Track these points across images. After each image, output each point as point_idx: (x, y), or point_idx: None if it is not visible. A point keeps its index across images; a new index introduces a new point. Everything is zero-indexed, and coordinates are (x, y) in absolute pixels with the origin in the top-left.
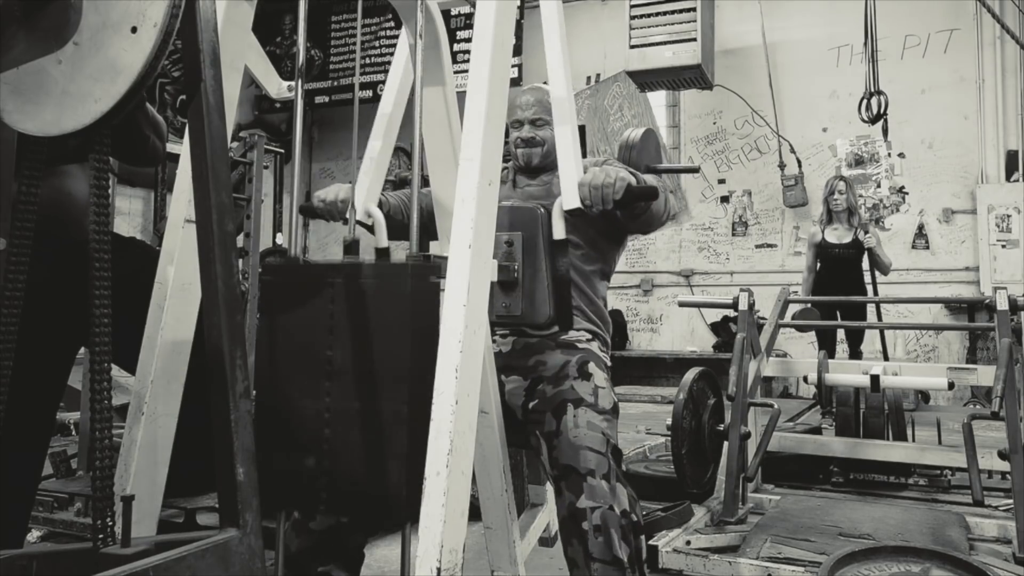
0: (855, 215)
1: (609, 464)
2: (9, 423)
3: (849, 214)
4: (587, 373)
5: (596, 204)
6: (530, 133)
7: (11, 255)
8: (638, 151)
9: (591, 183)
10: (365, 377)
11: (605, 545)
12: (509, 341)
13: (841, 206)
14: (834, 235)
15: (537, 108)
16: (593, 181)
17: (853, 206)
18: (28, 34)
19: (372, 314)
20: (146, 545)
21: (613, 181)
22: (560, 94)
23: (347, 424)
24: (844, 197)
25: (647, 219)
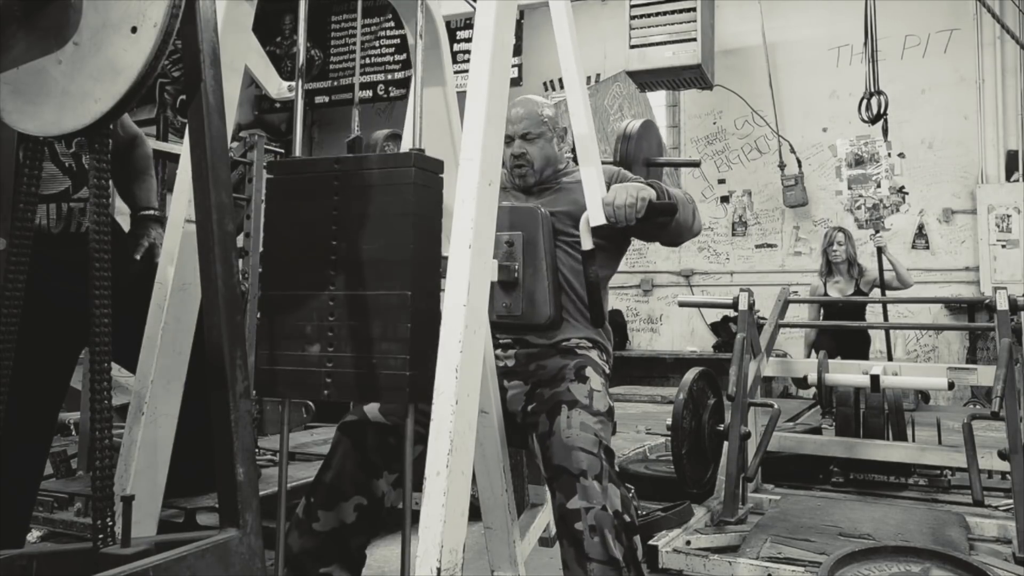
0: (855, 266)
1: (602, 465)
2: (11, 422)
3: (849, 265)
4: (584, 376)
5: (620, 222)
6: (520, 149)
7: (11, 255)
8: (636, 142)
9: (615, 203)
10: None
11: (600, 545)
12: (512, 355)
13: (840, 257)
14: (835, 289)
15: (527, 122)
16: (616, 200)
17: (852, 257)
18: (28, 34)
19: (376, 204)
20: (146, 545)
21: (635, 200)
22: (582, 131)
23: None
24: (844, 248)
25: (675, 231)
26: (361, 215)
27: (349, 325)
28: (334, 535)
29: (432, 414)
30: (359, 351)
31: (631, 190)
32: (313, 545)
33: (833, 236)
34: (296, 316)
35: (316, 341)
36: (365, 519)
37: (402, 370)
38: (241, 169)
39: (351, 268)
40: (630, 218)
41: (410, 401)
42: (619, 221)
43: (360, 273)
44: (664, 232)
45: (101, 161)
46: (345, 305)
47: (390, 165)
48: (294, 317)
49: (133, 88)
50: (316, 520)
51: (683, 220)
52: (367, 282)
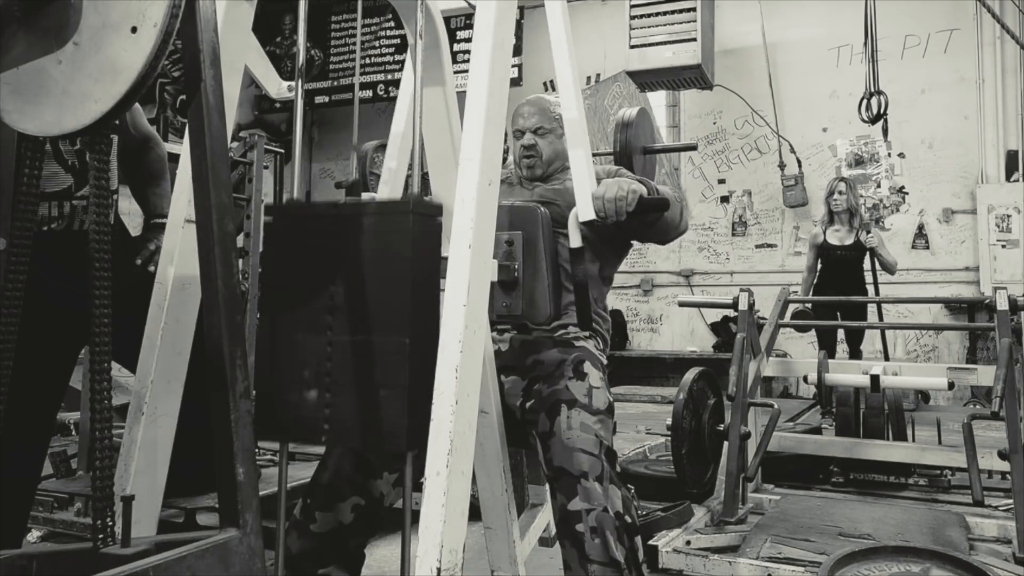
0: (856, 216)
1: (602, 466)
2: (10, 422)
3: (850, 215)
4: (582, 373)
5: (610, 216)
6: (531, 141)
7: (11, 255)
8: (634, 130)
9: (605, 196)
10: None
11: (602, 547)
12: (507, 339)
13: (842, 207)
14: (836, 236)
15: (539, 117)
16: (607, 194)
17: (854, 207)
18: (28, 34)
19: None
20: (146, 545)
21: (626, 194)
22: (572, 116)
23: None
24: (845, 198)
25: (662, 228)
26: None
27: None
28: (332, 536)
29: (432, 414)
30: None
31: (622, 184)
32: (311, 546)
33: (835, 186)
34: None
35: (314, 386)
36: (363, 519)
37: (400, 418)
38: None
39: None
40: (620, 212)
41: (408, 449)
42: (609, 216)
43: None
44: (652, 230)
45: (102, 161)
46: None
47: (388, 212)
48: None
49: (133, 88)
50: (314, 521)
51: (671, 218)
52: (365, 328)
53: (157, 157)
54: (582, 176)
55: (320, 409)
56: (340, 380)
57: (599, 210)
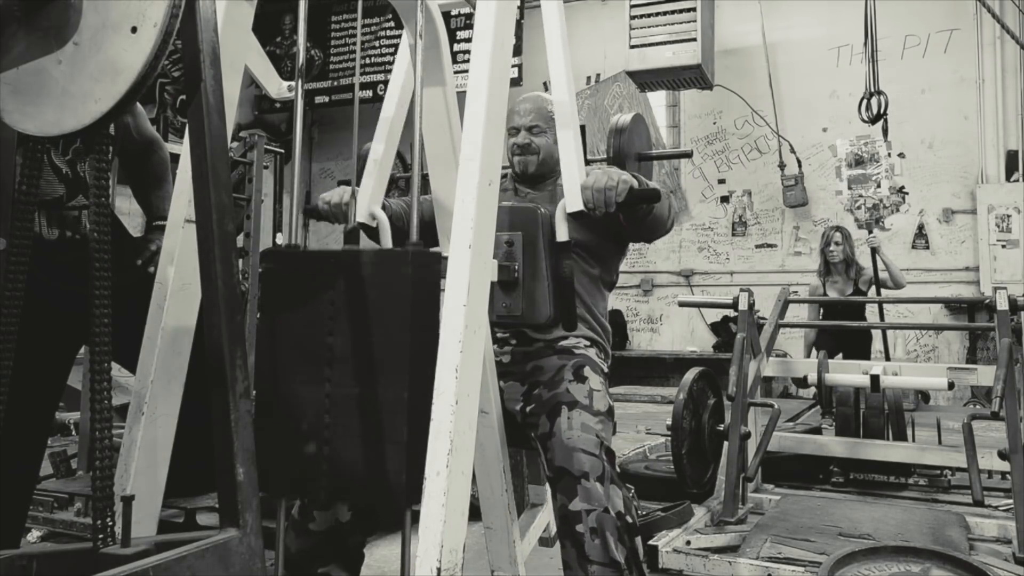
0: (853, 266)
1: (603, 466)
2: (8, 422)
3: (847, 265)
4: (582, 376)
5: (599, 207)
6: (526, 139)
7: (11, 255)
8: (628, 136)
9: (594, 186)
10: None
11: (602, 548)
12: (508, 351)
13: (838, 257)
14: (835, 289)
15: (535, 115)
16: (596, 184)
17: (850, 257)
18: (28, 34)
19: (372, 301)
20: (146, 545)
21: (616, 183)
22: (562, 97)
23: (347, 410)
24: (840, 248)
25: (651, 224)
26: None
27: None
28: (331, 534)
29: (432, 414)
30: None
31: (611, 173)
32: (310, 545)
33: (831, 236)
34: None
35: (311, 439)
36: (361, 518)
37: (400, 473)
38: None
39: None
40: (609, 202)
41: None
42: (598, 206)
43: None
44: (642, 225)
45: (101, 161)
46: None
47: (387, 262)
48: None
49: (133, 88)
50: (312, 520)
51: (659, 213)
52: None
53: (160, 160)
54: (571, 163)
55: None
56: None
57: (588, 200)
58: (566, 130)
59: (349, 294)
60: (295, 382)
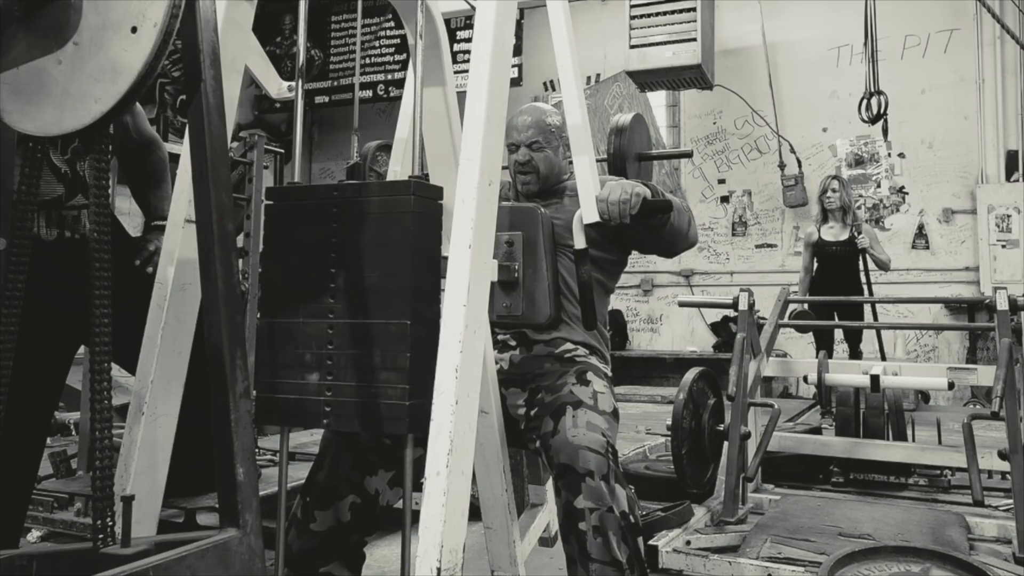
0: (850, 213)
1: (609, 465)
2: (7, 421)
3: (843, 212)
4: (586, 380)
5: (614, 218)
6: (526, 156)
7: (11, 255)
8: (628, 136)
9: (608, 199)
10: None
11: (604, 546)
12: (507, 357)
13: (835, 204)
14: (830, 233)
15: (534, 131)
16: (611, 197)
17: (847, 204)
18: (28, 34)
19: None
20: (146, 545)
21: (630, 196)
22: (576, 122)
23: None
24: (838, 195)
25: (670, 235)
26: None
27: (348, 354)
28: (332, 534)
29: (432, 414)
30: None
31: (626, 186)
32: (312, 545)
33: (828, 184)
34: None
35: (315, 369)
36: (360, 517)
37: (401, 400)
38: (241, 169)
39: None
40: (624, 214)
41: (409, 431)
42: (612, 218)
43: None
44: (659, 238)
45: (101, 161)
46: (344, 334)
47: (389, 193)
48: (293, 345)
49: (133, 88)
50: (313, 520)
51: (678, 226)
52: (366, 310)
53: (159, 160)
54: (586, 180)
55: (321, 393)
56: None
57: (603, 212)
58: (581, 156)
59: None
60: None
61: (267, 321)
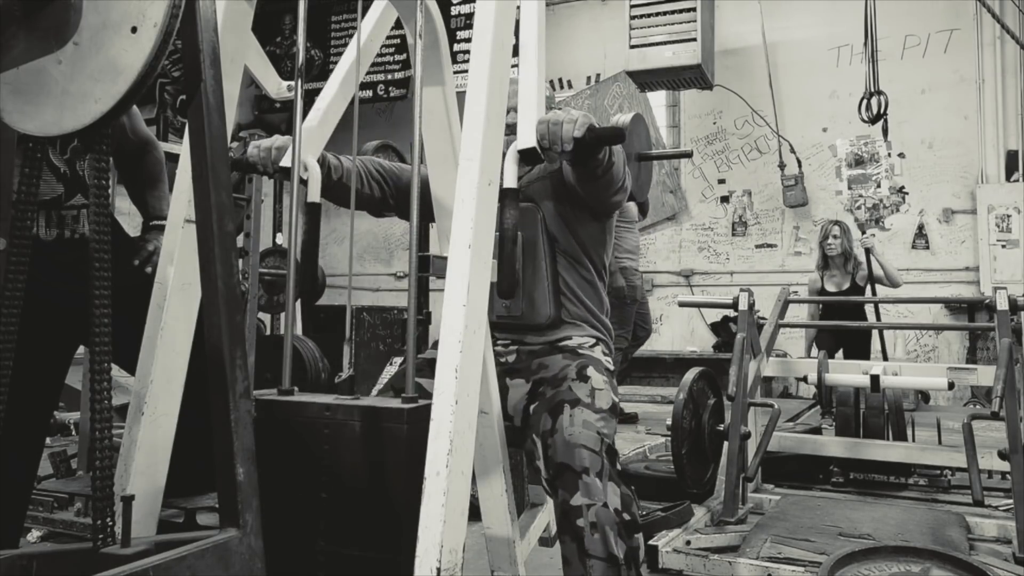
0: (851, 260)
1: (603, 463)
2: (6, 422)
3: (844, 259)
4: (585, 376)
5: (554, 143)
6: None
7: (11, 255)
8: (627, 136)
9: (550, 119)
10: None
11: (601, 542)
12: (514, 350)
13: (836, 251)
14: (832, 283)
15: None
16: (552, 117)
17: (848, 250)
18: (28, 34)
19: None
20: (146, 545)
21: (575, 118)
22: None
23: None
24: (839, 242)
25: (606, 181)
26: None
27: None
28: None
29: (432, 414)
30: None
31: (571, 111)
32: None
33: (829, 230)
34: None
35: None
36: None
37: None
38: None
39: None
40: (566, 138)
41: None
42: (553, 143)
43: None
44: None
45: (101, 161)
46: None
47: (382, 419)
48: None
49: (133, 88)
50: None
51: (616, 171)
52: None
53: (155, 160)
54: (529, 98)
55: None
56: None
57: (542, 136)
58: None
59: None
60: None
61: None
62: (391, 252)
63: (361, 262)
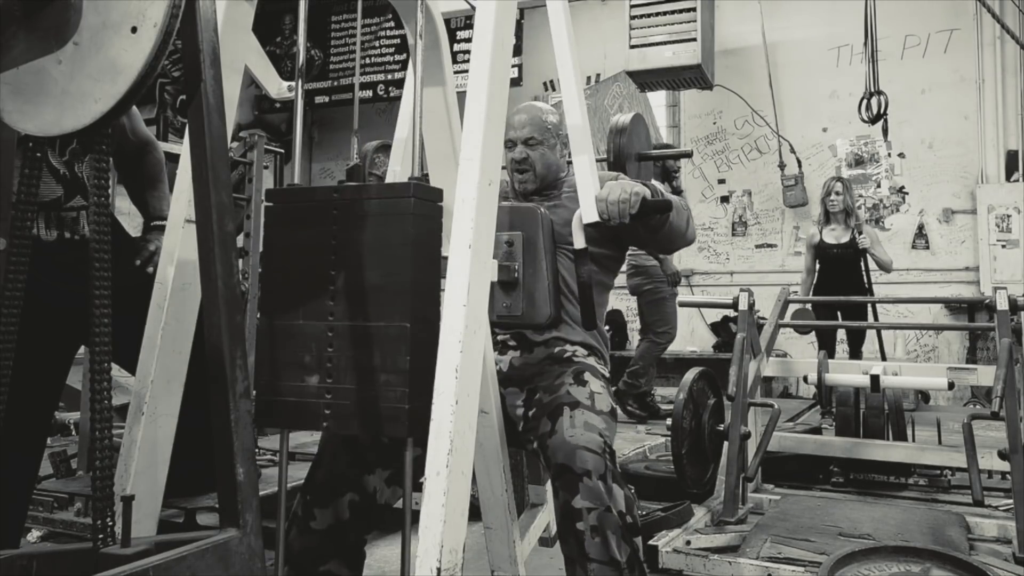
0: (852, 215)
1: (606, 465)
2: (7, 422)
3: (846, 215)
4: (583, 380)
5: (614, 218)
6: (523, 154)
7: (11, 255)
8: (628, 136)
9: (608, 199)
10: (368, 296)
11: (602, 546)
12: (507, 359)
13: (838, 207)
14: (832, 235)
15: (530, 127)
16: (610, 197)
17: (850, 207)
18: (28, 34)
19: (375, 234)
20: (146, 545)
21: (629, 196)
22: (576, 122)
23: (350, 342)
24: (841, 198)
25: (668, 234)
26: (360, 245)
27: (348, 356)
28: (332, 532)
29: (432, 414)
30: (358, 382)
31: (625, 186)
32: (313, 544)
33: (831, 186)
34: (295, 346)
35: (315, 371)
36: (359, 515)
37: (401, 403)
38: (241, 169)
39: (350, 298)
40: (624, 214)
41: (409, 435)
42: (612, 218)
43: (359, 303)
44: (658, 236)
45: (101, 161)
46: (344, 336)
47: (389, 195)
48: (293, 346)
49: (133, 88)
50: (313, 518)
51: (677, 225)
52: (366, 313)
53: (155, 160)
54: (586, 179)
55: (321, 395)
56: (341, 366)
57: (603, 212)
58: (581, 155)
59: (352, 228)
60: (298, 316)
61: (267, 321)
62: None
63: None
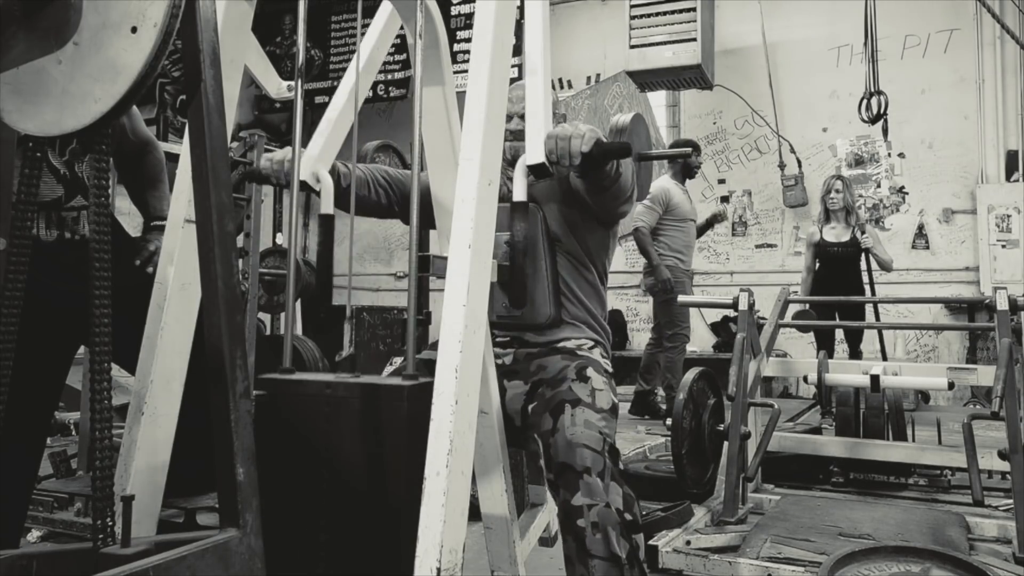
0: (852, 214)
1: (605, 463)
2: (7, 422)
3: (846, 213)
4: (585, 376)
5: (562, 157)
6: (519, 126)
7: (11, 255)
8: (628, 136)
9: (558, 135)
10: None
11: (603, 542)
12: (511, 352)
13: (838, 205)
14: (832, 234)
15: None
16: (561, 132)
17: (850, 205)
18: (28, 34)
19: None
20: (146, 545)
21: (582, 133)
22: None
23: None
24: (841, 196)
25: (615, 192)
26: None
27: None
28: None
29: (432, 414)
30: None
31: (578, 125)
32: None
33: (831, 184)
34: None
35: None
36: None
37: None
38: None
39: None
40: (574, 152)
41: None
42: (561, 157)
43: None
44: (605, 194)
45: (101, 161)
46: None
47: (383, 396)
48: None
49: (133, 88)
50: None
51: (624, 182)
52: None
53: (155, 160)
54: (536, 113)
55: None
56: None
57: (550, 151)
58: (534, 76)
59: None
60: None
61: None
62: (391, 252)
63: (361, 262)
